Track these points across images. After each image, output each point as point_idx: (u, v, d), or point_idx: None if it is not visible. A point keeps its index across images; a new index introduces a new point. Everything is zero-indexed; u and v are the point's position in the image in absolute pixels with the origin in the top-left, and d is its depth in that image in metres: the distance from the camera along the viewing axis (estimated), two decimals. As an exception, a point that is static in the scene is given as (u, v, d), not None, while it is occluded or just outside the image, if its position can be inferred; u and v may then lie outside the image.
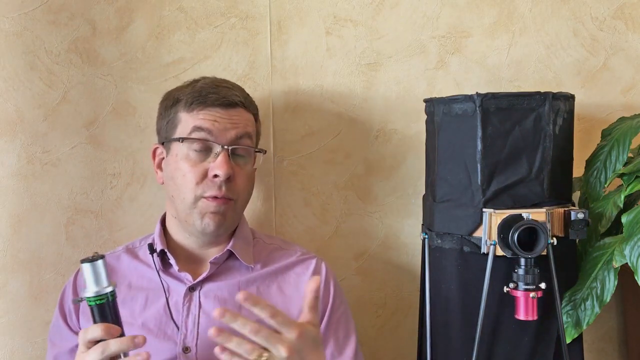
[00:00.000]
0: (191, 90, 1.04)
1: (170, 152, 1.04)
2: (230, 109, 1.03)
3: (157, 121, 1.10)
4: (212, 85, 1.05)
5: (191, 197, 1.00)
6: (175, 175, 1.02)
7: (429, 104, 1.11)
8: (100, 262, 0.83)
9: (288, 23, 1.27)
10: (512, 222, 0.97)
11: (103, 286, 0.83)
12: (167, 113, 1.06)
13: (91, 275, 0.83)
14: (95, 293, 0.82)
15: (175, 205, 1.04)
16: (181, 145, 1.02)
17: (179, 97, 1.05)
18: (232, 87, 1.08)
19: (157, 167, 1.09)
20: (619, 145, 1.10)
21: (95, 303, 0.83)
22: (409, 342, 1.32)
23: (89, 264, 0.83)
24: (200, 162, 1.01)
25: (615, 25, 1.31)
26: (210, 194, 1.00)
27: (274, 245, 1.13)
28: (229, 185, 1.01)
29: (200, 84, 1.06)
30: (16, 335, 1.23)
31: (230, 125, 1.02)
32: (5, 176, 1.21)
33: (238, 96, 1.05)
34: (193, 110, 1.02)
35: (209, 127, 1.01)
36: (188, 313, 1.01)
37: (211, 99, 1.02)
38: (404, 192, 1.31)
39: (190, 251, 1.07)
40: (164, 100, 1.09)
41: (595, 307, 1.03)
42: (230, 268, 1.06)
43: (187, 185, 1.00)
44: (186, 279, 1.03)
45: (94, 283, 0.83)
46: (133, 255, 1.09)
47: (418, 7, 1.29)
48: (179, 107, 1.04)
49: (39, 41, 1.21)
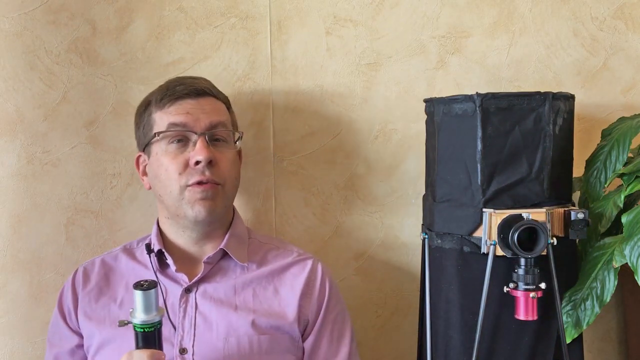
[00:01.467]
0: (159, 90, 1.08)
1: (151, 153, 1.05)
2: (200, 97, 1.05)
3: (135, 133, 1.12)
4: (177, 80, 1.09)
5: (177, 188, 1.01)
6: (159, 172, 1.03)
7: (429, 104, 1.11)
8: (153, 292, 0.84)
9: (288, 23, 1.27)
10: (512, 222, 0.97)
11: (152, 315, 0.84)
12: (142, 119, 1.08)
13: (142, 302, 0.83)
14: (143, 322, 0.83)
15: (164, 203, 1.05)
16: (159, 143, 1.03)
17: (149, 99, 1.08)
18: (197, 78, 1.11)
19: (142, 174, 1.10)
20: (619, 145, 1.10)
21: (142, 330, 0.83)
22: (409, 342, 1.32)
23: (141, 292, 0.83)
24: (181, 153, 1.02)
25: (615, 25, 1.31)
26: (194, 180, 1.00)
27: (269, 246, 1.12)
28: (212, 169, 1.01)
29: (166, 82, 1.09)
30: (16, 335, 1.23)
31: (203, 114, 1.03)
32: (5, 176, 1.22)
33: (204, 84, 1.08)
34: (164, 106, 1.04)
35: (183, 121, 1.02)
36: (185, 314, 1.01)
37: (179, 90, 1.04)
38: (404, 192, 1.31)
39: (186, 251, 1.07)
40: (137, 110, 1.11)
41: (595, 307, 1.03)
42: (225, 268, 1.06)
43: (170, 177, 1.01)
44: (182, 280, 1.03)
45: (144, 311, 0.83)
46: (131, 255, 1.10)
47: (418, 7, 1.29)
48: (150, 108, 1.06)
49: (39, 41, 1.21)
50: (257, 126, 1.28)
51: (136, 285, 0.84)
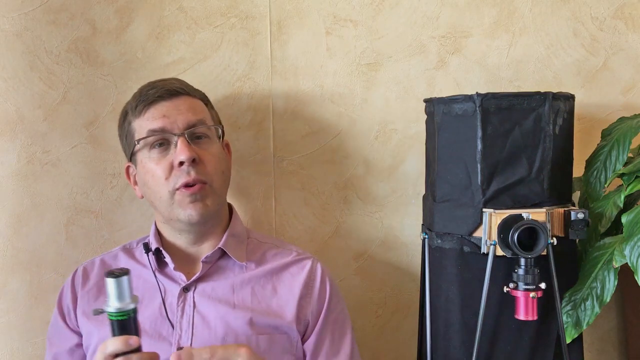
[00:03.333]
0: (133, 98, 1.08)
1: (137, 162, 1.05)
2: (174, 98, 1.04)
3: (120, 144, 1.12)
4: (149, 84, 1.08)
5: (165, 192, 1.01)
6: (147, 179, 1.03)
7: (429, 104, 1.11)
8: (125, 279, 0.82)
9: (288, 23, 1.27)
10: (512, 222, 0.97)
11: (126, 302, 0.82)
12: (123, 129, 1.08)
13: (115, 290, 0.82)
14: (118, 309, 0.82)
15: (157, 209, 1.05)
16: (142, 150, 1.03)
17: (125, 109, 1.08)
18: (169, 79, 1.10)
19: (133, 184, 1.10)
20: (619, 145, 1.10)
21: (116, 319, 0.82)
22: (409, 342, 1.32)
23: (113, 279, 0.82)
24: (164, 157, 1.02)
25: (615, 25, 1.31)
26: (181, 182, 1.00)
27: (268, 245, 1.12)
28: (197, 168, 1.01)
29: (139, 89, 1.09)
30: (16, 335, 1.23)
31: (180, 115, 1.03)
32: (5, 176, 1.22)
33: (176, 84, 1.07)
34: (140, 113, 1.04)
35: (160, 125, 1.02)
36: (182, 313, 1.01)
37: (152, 94, 1.04)
38: (404, 192, 1.31)
39: (184, 251, 1.07)
40: (118, 121, 1.11)
41: (595, 307, 1.03)
42: (223, 267, 1.06)
43: (158, 183, 1.01)
44: (180, 279, 1.03)
45: (117, 299, 0.82)
46: (130, 255, 1.10)
47: (418, 7, 1.29)
48: (128, 117, 1.06)
49: (39, 41, 1.21)
50: (257, 126, 1.28)
51: (108, 274, 0.82)
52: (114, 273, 0.82)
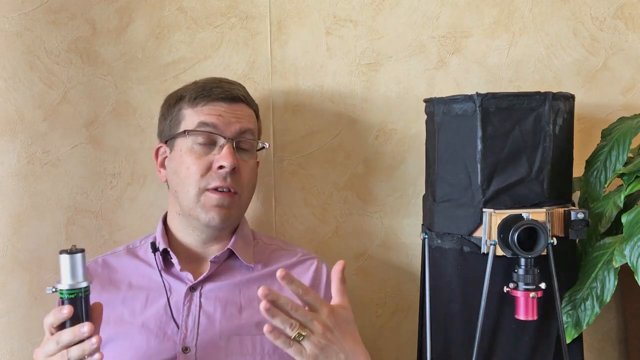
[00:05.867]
0: (194, 87, 1.07)
1: (175, 148, 1.05)
2: (234, 103, 1.05)
3: (159, 123, 1.11)
4: (214, 81, 1.08)
5: (195, 189, 1.01)
6: (180, 169, 1.03)
7: (429, 104, 1.11)
8: (79, 256, 0.81)
9: (288, 23, 1.27)
10: (512, 222, 0.97)
11: (78, 280, 0.81)
12: (170, 111, 1.07)
13: (68, 267, 0.81)
14: (70, 287, 0.81)
15: (179, 200, 1.04)
16: (185, 139, 1.03)
17: (182, 94, 1.07)
18: (233, 83, 1.10)
19: (160, 165, 1.10)
20: (619, 145, 1.10)
21: (67, 296, 0.81)
22: (409, 342, 1.32)
23: (67, 256, 0.81)
24: (205, 155, 1.02)
25: (615, 25, 1.31)
26: (214, 185, 1.00)
27: (274, 246, 1.13)
28: (233, 177, 1.01)
29: (202, 80, 1.09)
30: (16, 335, 1.23)
31: (234, 119, 1.04)
32: (5, 176, 1.22)
33: (240, 91, 1.08)
34: (197, 105, 1.04)
35: (214, 122, 1.02)
36: (188, 313, 1.01)
37: (215, 93, 1.04)
38: (404, 192, 1.31)
39: (192, 250, 1.07)
40: (166, 101, 1.11)
41: (595, 307, 1.03)
42: (230, 268, 1.06)
43: (191, 177, 1.01)
44: (187, 278, 1.03)
45: (70, 276, 0.81)
46: (133, 254, 1.10)
47: (418, 7, 1.29)
48: (182, 103, 1.06)
49: (39, 41, 1.21)
50: (257, 126, 1.28)
51: (62, 251, 0.81)
52: (67, 250, 0.81)
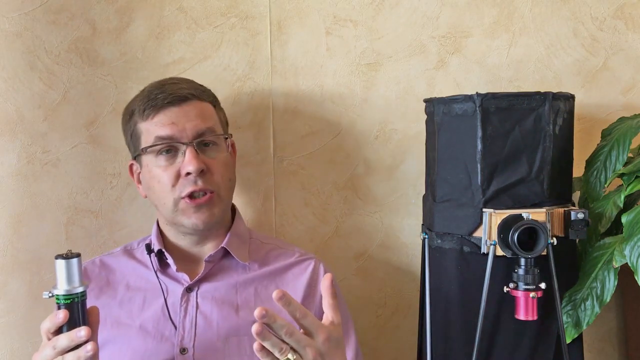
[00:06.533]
0: (141, 97, 1.04)
1: (142, 164, 1.04)
2: (183, 104, 1.02)
3: (124, 139, 1.10)
4: (158, 86, 1.05)
5: (170, 200, 1.01)
6: (152, 184, 1.02)
7: (429, 104, 1.11)
8: (74, 261, 0.81)
9: (288, 23, 1.27)
10: (512, 222, 0.97)
11: (74, 285, 0.81)
12: (128, 127, 1.07)
13: (64, 272, 0.81)
14: (66, 292, 0.81)
15: (160, 212, 1.05)
16: (148, 155, 1.02)
17: (132, 108, 1.05)
18: (179, 82, 1.07)
19: (137, 181, 1.09)
20: (619, 145, 1.10)
21: (64, 302, 0.81)
22: (409, 342, 1.32)
23: (63, 261, 0.81)
24: (171, 164, 1.01)
25: (615, 25, 1.31)
26: (187, 191, 0.99)
27: (271, 245, 1.12)
28: (204, 178, 1.00)
29: (148, 87, 1.06)
30: (16, 335, 1.23)
31: (189, 123, 1.01)
32: (5, 176, 1.22)
33: (187, 88, 1.04)
34: (148, 117, 1.02)
35: (169, 133, 1.00)
36: (185, 314, 1.01)
37: (161, 99, 1.01)
38: (404, 192, 1.31)
39: (187, 251, 1.07)
40: (122, 116, 1.10)
41: (595, 307, 1.03)
42: (226, 267, 1.06)
43: (164, 190, 1.01)
44: (183, 279, 1.03)
45: (66, 281, 0.81)
46: (130, 256, 1.10)
47: (418, 7, 1.29)
48: (135, 118, 1.04)
49: (39, 41, 1.21)
50: (257, 126, 1.28)
51: (58, 256, 0.81)
52: (63, 255, 0.81)
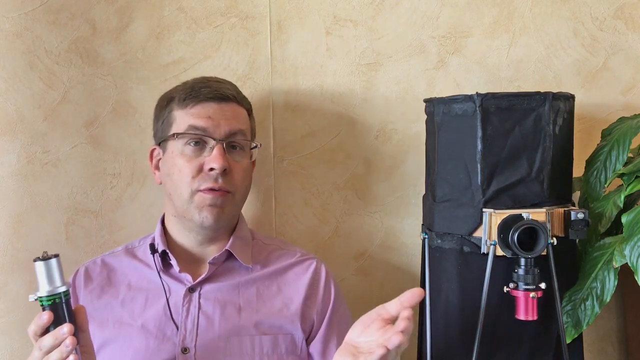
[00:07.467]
0: (183, 87, 1.06)
1: (167, 150, 1.05)
2: (223, 103, 1.04)
3: (153, 125, 1.12)
4: (203, 81, 1.07)
5: (188, 191, 1.01)
6: (172, 171, 1.03)
7: (429, 104, 1.11)
8: (53, 261, 0.81)
9: (288, 23, 1.27)
10: (512, 222, 0.97)
11: (56, 286, 0.81)
12: (162, 113, 1.07)
13: (44, 274, 0.81)
14: (48, 293, 0.81)
15: (173, 202, 1.04)
16: (176, 142, 1.03)
17: (172, 95, 1.07)
18: (223, 82, 1.09)
19: (154, 167, 1.10)
20: (619, 145, 1.10)
21: (47, 303, 0.81)
22: (409, 342, 1.31)
23: (42, 263, 0.81)
24: (196, 157, 1.02)
25: (615, 25, 1.31)
26: (206, 186, 1.00)
27: (273, 246, 1.13)
28: (225, 178, 1.01)
29: (192, 80, 1.08)
30: (16, 335, 1.23)
31: (224, 121, 1.03)
32: (5, 176, 1.21)
33: (230, 90, 1.07)
34: (187, 106, 1.03)
35: (203, 125, 1.02)
36: (187, 314, 1.01)
37: (204, 93, 1.03)
38: (404, 192, 1.31)
39: (190, 251, 1.07)
40: (158, 103, 1.11)
41: (595, 307, 1.03)
42: (229, 269, 1.06)
43: (183, 179, 1.01)
44: (186, 279, 1.03)
45: (47, 283, 0.81)
46: (132, 255, 1.10)
47: (418, 7, 1.29)
48: (172, 105, 1.05)
49: (39, 41, 1.21)
50: (257, 126, 1.27)
51: (36, 258, 0.81)
52: (41, 257, 0.81)
